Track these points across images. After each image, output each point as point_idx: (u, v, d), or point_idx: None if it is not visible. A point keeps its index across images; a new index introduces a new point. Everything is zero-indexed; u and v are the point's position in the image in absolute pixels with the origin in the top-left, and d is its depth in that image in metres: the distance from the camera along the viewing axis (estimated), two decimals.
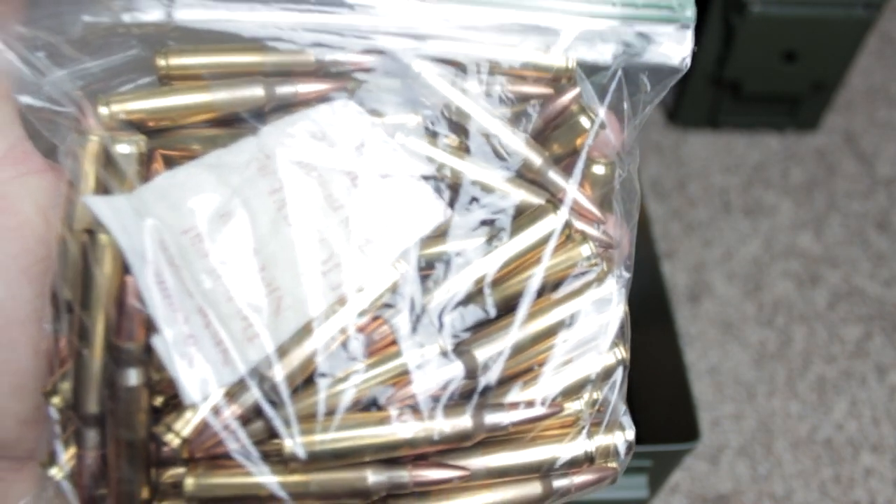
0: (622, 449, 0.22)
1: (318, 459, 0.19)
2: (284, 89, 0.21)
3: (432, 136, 0.22)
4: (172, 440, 0.18)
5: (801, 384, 0.62)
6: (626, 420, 0.22)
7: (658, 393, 0.49)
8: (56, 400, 0.20)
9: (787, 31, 0.69)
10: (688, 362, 0.51)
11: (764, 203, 0.75)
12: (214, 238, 0.19)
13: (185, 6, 0.21)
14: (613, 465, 0.22)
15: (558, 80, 0.22)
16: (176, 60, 0.21)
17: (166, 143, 0.21)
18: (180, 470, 0.19)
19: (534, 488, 0.21)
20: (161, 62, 0.21)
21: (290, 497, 0.19)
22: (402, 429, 0.19)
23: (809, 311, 0.67)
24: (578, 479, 0.21)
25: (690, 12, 0.22)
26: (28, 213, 0.21)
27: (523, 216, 0.21)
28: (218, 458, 0.19)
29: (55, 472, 0.19)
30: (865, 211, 0.74)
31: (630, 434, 0.22)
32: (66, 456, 0.19)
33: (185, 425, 0.19)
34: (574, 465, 0.21)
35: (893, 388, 0.62)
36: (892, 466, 0.58)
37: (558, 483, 0.21)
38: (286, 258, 0.20)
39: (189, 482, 0.19)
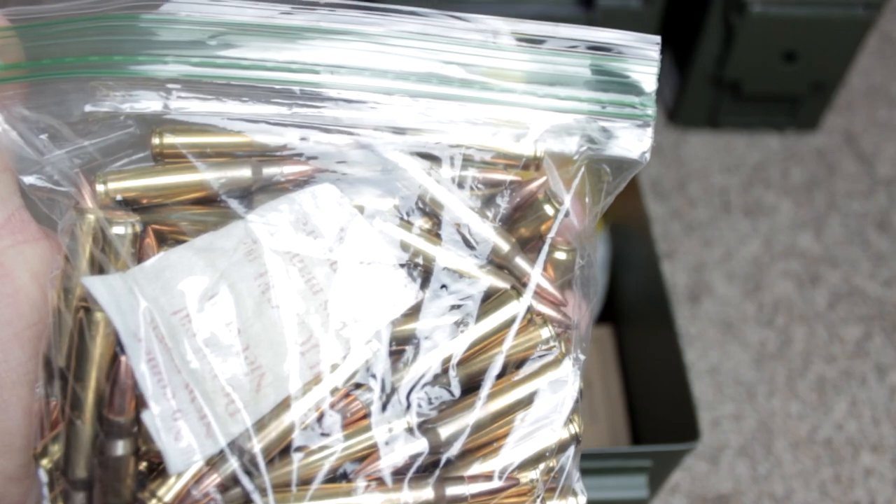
0: None
1: None
2: (270, 170, 0.23)
3: (407, 223, 0.23)
4: None
5: (801, 384, 0.62)
6: (579, 486, 0.23)
7: (658, 393, 0.49)
8: (45, 462, 0.21)
9: (787, 31, 0.69)
10: (688, 362, 0.52)
11: (764, 203, 0.75)
12: (202, 319, 0.21)
13: (181, 98, 0.23)
14: None
15: (527, 167, 0.24)
16: (170, 139, 0.23)
17: (158, 220, 0.23)
18: None
19: None
20: (155, 140, 0.23)
21: None
22: (368, 500, 0.21)
23: (809, 311, 0.67)
24: None
25: (651, 111, 0.24)
26: (23, 280, 0.22)
27: (489, 301, 0.23)
28: None
29: None
30: (865, 211, 0.74)
31: (582, 500, 0.23)
32: None
33: (168, 492, 0.20)
34: None
35: (893, 388, 0.63)
36: (892, 466, 0.58)
37: None
38: (268, 339, 0.21)
39: None
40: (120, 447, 0.20)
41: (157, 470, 0.21)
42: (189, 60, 0.22)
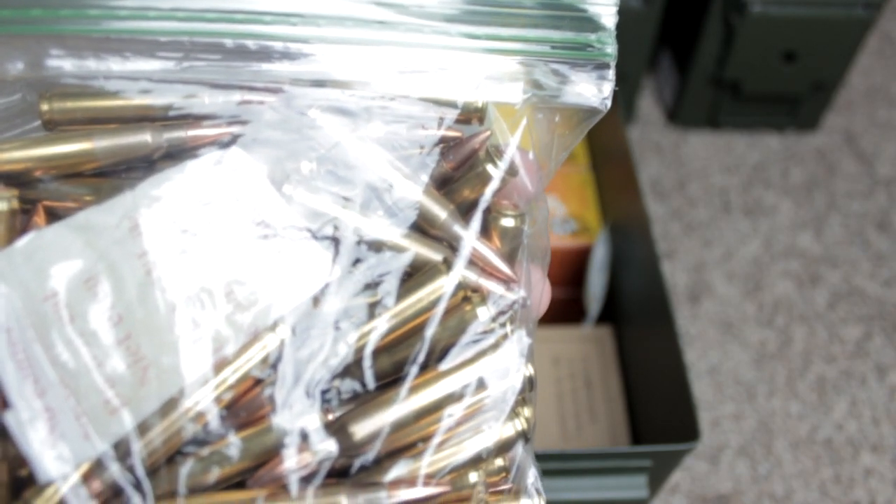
0: None
1: None
2: (174, 134, 0.20)
3: (320, 189, 0.20)
4: None
5: (801, 384, 0.62)
6: (536, 485, 0.20)
7: (658, 393, 0.49)
8: None
9: (787, 31, 0.69)
10: (688, 362, 0.52)
11: (764, 203, 0.75)
12: (77, 306, 0.18)
13: (52, 57, 0.19)
14: None
15: (468, 120, 0.21)
16: (60, 104, 0.20)
17: (50, 195, 0.20)
18: None
19: None
20: (44, 106, 0.20)
21: None
22: None
23: (809, 311, 0.67)
24: None
25: (611, 49, 0.20)
26: None
27: (413, 278, 0.20)
28: None
29: None
30: (865, 211, 0.74)
31: (541, 502, 0.20)
32: None
33: (45, 502, 0.17)
34: None
35: (893, 388, 0.63)
36: (892, 466, 0.58)
37: None
38: (153, 326, 0.18)
39: None
40: None
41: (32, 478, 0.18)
42: (58, 13, 0.19)
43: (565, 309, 0.62)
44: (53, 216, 0.20)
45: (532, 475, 0.20)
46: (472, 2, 0.20)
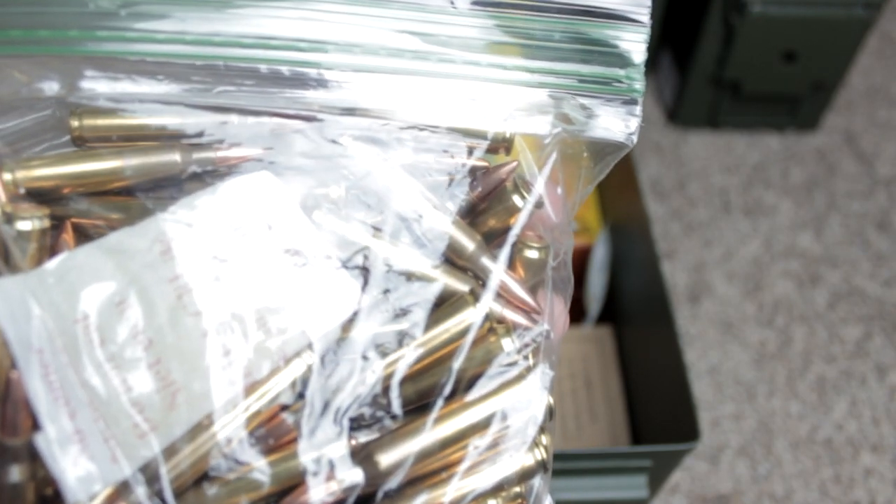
0: None
1: None
2: (202, 155, 0.20)
3: (350, 217, 0.20)
4: None
5: (801, 384, 0.62)
6: None
7: (658, 393, 0.49)
8: None
9: (787, 31, 0.69)
10: (688, 362, 0.52)
11: (764, 203, 0.75)
12: (108, 329, 0.18)
13: (88, 78, 0.19)
14: None
15: (495, 151, 0.21)
16: (90, 121, 0.20)
17: (78, 213, 0.20)
18: None
19: None
20: (75, 122, 0.20)
21: None
22: None
23: (809, 311, 0.67)
24: None
25: (639, 85, 0.20)
26: None
27: (441, 308, 0.20)
28: None
29: None
30: (865, 211, 0.74)
31: None
32: None
33: None
34: None
35: (893, 388, 0.62)
36: (892, 466, 0.58)
37: None
38: (183, 351, 0.18)
39: None
40: (16, 473, 0.18)
41: (61, 496, 0.18)
42: (96, 35, 0.19)
43: None
44: (81, 233, 0.20)
45: (548, 502, 0.20)
46: (503, 34, 0.20)
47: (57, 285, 0.18)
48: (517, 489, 0.20)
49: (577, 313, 0.61)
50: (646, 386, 0.53)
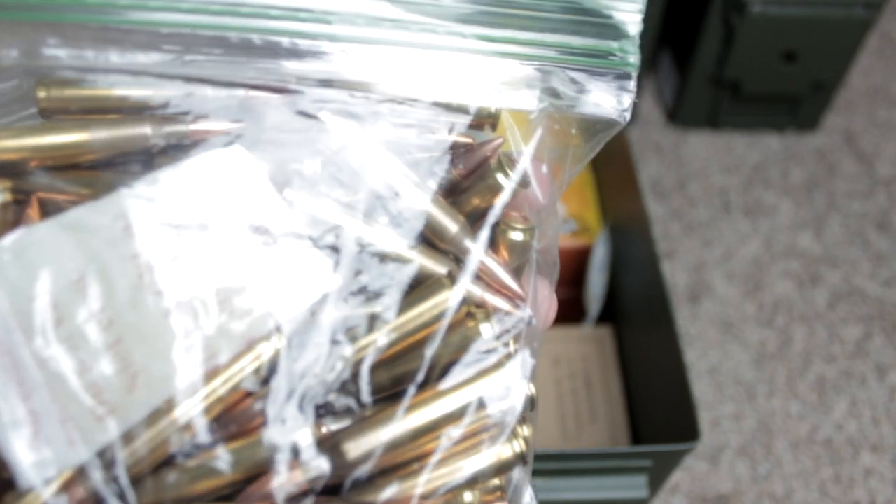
0: None
1: None
2: (174, 128, 0.19)
3: (323, 194, 0.19)
4: None
5: (801, 384, 0.62)
6: None
7: (658, 393, 0.49)
8: None
9: (787, 31, 0.69)
10: (688, 362, 0.51)
11: (764, 203, 0.75)
12: (65, 307, 0.17)
13: (49, 46, 0.18)
14: None
15: (480, 126, 0.20)
16: (58, 92, 0.19)
17: (44, 187, 0.19)
18: None
19: None
20: (42, 94, 0.19)
21: None
22: None
23: (809, 311, 0.67)
24: None
25: (634, 59, 0.19)
26: None
27: (416, 291, 0.19)
28: None
29: None
30: (865, 211, 0.74)
31: None
32: None
33: None
34: None
35: (893, 388, 0.62)
36: (892, 466, 0.58)
37: None
38: (145, 331, 0.18)
39: None
40: None
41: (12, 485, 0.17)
42: (56, 1, 0.18)
43: (565, 309, 0.62)
44: (49, 208, 0.19)
45: (528, 495, 0.20)
46: (490, 3, 0.19)
47: (13, 262, 0.18)
48: (496, 482, 0.19)
49: (577, 313, 0.61)
50: (646, 386, 0.53)
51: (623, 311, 0.58)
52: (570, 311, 0.62)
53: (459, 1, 0.19)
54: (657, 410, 0.50)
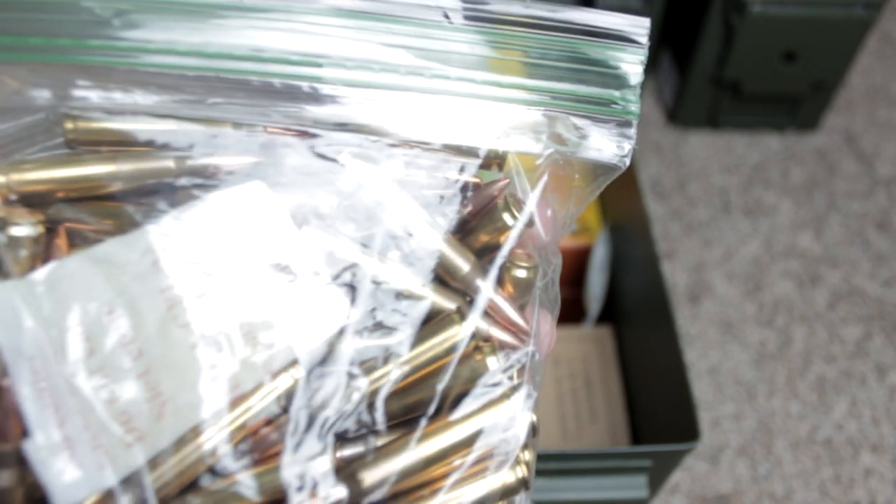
0: None
1: None
2: (197, 162, 0.20)
3: (339, 233, 0.20)
4: None
5: (801, 384, 0.62)
6: None
7: (658, 393, 0.49)
8: None
9: (787, 31, 0.69)
10: (688, 362, 0.52)
11: (764, 203, 0.75)
12: (97, 338, 0.18)
13: (79, 87, 0.19)
14: None
15: (488, 166, 0.21)
16: (85, 125, 0.20)
17: (71, 217, 0.20)
18: None
19: None
20: (69, 125, 0.20)
21: None
22: None
23: (809, 311, 0.67)
24: None
25: (635, 107, 0.20)
26: None
27: (427, 326, 0.20)
28: None
29: None
30: (865, 211, 0.74)
31: None
32: None
33: None
34: None
35: (893, 388, 0.62)
36: (892, 466, 0.58)
37: None
38: (172, 362, 0.19)
39: None
40: (4, 478, 0.18)
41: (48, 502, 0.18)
42: (87, 43, 0.19)
43: (565, 309, 0.62)
44: (76, 238, 0.20)
45: None
46: (498, 50, 0.20)
47: (46, 294, 0.18)
48: None
49: (577, 313, 0.61)
50: (646, 386, 0.53)
51: (623, 311, 0.58)
52: (570, 311, 0.62)
53: (470, 48, 0.20)
54: (657, 410, 0.50)
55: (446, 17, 0.19)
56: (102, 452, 0.18)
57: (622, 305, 0.58)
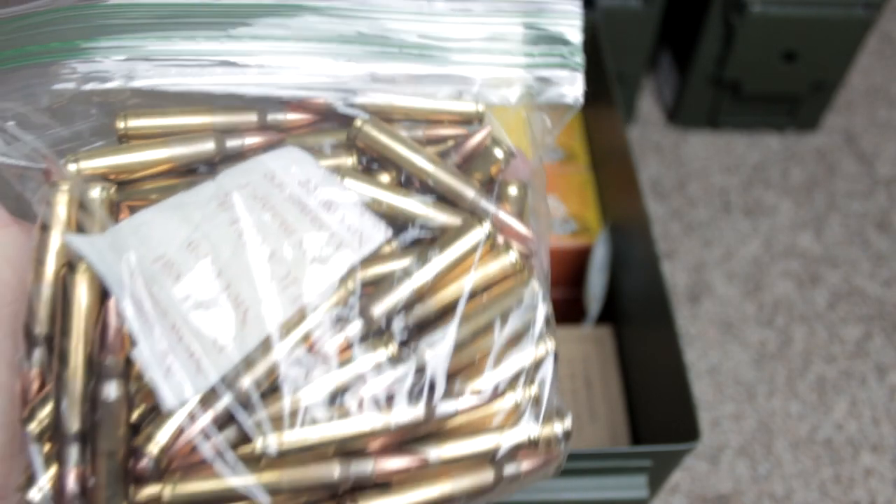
0: (561, 436, 0.24)
1: (287, 455, 0.21)
2: (233, 143, 0.25)
3: (368, 173, 0.25)
4: (152, 449, 0.20)
5: (801, 384, 0.62)
6: (563, 409, 0.25)
7: (658, 393, 0.49)
8: (34, 425, 0.21)
9: (787, 31, 0.69)
10: (688, 362, 0.52)
11: (764, 203, 0.75)
12: (182, 264, 0.22)
13: (143, 76, 0.24)
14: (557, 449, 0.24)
15: (470, 122, 0.26)
16: (134, 122, 0.24)
17: (130, 196, 0.24)
18: (156, 488, 0.21)
19: (486, 475, 0.23)
20: (120, 124, 0.24)
21: (263, 490, 0.21)
22: (361, 422, 0.21)
23: (809, 311, 0.67)
24: (525, 464, 0.24)
25: (579, 59, 0.26)
26: None
27: (450, 231, 0.24)
28: (193, 467, 0.21)
29: (34, 494, 0.21)
30: (865, 211, 0.74)
31: (568, 422, 0.24)
32: (46, 478, 0.21)
33: (163, 434, 0.20)
34: (519, 450, 0.23)
35: (893, 388, 0.63)
36: (892, 466, 0.58)
37: (508, 469, 0.23)
38: (248, 277, 0.22)
39: (166, 491, 0.20)
40: (113, 389, 0.20)
41: (150, 416, 0.21)
42: (146, 38, 0.24)
43: (565, 309, 0.62)
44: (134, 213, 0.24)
45: (556, 400, 0.24)
46: (470, 26, 0.26)
47: (132, 235, 0.22)
48: (533, 391, 0.24)
49: (577, 313, 0.61)
50: (646, 386, 0.53)
51: (623, 311, 0.58)
52: (570, 311, 0.62)
53: (447, 28, 0.26)
54: (657, 410, 0.50)
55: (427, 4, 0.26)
56: (198, 357, 0.21)
57: (622, 305, 0.58)
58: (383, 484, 0.22)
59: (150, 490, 0.21)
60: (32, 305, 0.22)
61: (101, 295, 0.22)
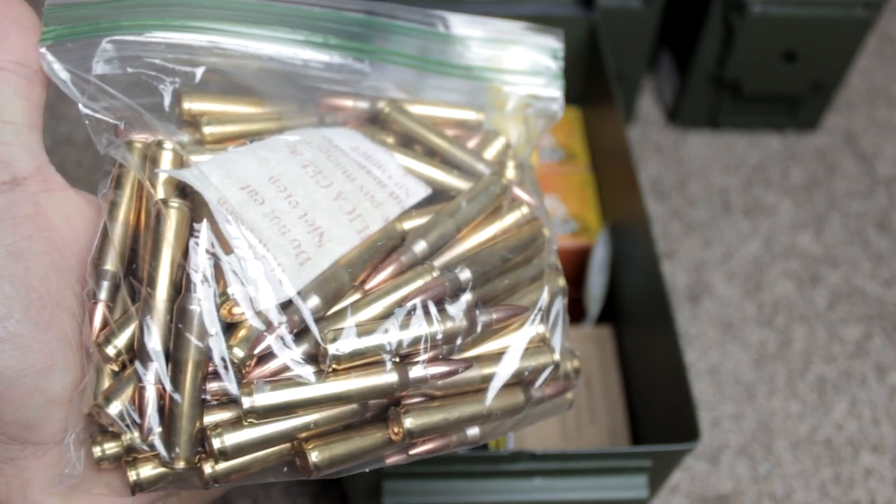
0: (573, 373, 0.29)
1: (354, 357, 0.24)
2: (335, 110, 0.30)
3: (408, 149, 0.31)
4: (235, 355, 0.23)
5: (801, 384, 0.62)
6: (573, 350, 0.30)
7: (658, 393, 0.49)
8: (111, 348, 0.24)
9: (787, 31, 0.69)
10: (688, 362, 0.52)
11: (764, 203, 0.75)
12: (265, 192, 0.26)
13: (220, 39, 0.27)
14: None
15: (472, 128, 0.33)
16: (198, 105, 0.28)
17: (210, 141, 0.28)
18: (228, 415, 0.24)
19: (517, 396, 0.27)
20: (186, 105, 0.27)
21: (331, 399, 0.24)
22: (413, 330, 0.25)
23: (809, 311, 0.67)
24: (548, 388, 0.28)
25: (560, 82, 0.33)
26: (56, 220, 0.25)
27: (477, 183, 0.30)
28: (270, 379, 0.24)
29: (114, 408, 0.23)
30: (865, 211, 0.74)
31: (577, 361, 0.30)
32: (123, 396, 0.23)
33: (245, 343, 0.23)
34: (541, 372, 0.28)
35: (893, 388, 0.63)
36: (892, 466, 0.58)
37: (535, 392, 0.28)
38: (322, 208, 0.26)
39: (245, 398, 0.23)
40: (200, 301, 0.23)
41: (229, 332, 0.23)
42: (219, 15, 0.27)
43: None
44: None
45: (566, 342, 0.29)
46: (480, 50, 0.32)
47: (217, 169, 0.26)
48: (546, 330, 0.28)
49: (577, 313, 0.61)
50: (646, 386, 0.53)
51: (623, 311, 0.58)
52: (570, 311, 0.62)
53: (470, 59, 0.32)
54: (657, 410, 0.50)
55: (444, 28, 0.32)
56: (280, 271, 0.24)
57: (622, 305, 0.58)
58: (430, 396, 0.26)
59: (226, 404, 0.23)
60: (102, 244, 0.25)
61: (188, 227, 0.24)
